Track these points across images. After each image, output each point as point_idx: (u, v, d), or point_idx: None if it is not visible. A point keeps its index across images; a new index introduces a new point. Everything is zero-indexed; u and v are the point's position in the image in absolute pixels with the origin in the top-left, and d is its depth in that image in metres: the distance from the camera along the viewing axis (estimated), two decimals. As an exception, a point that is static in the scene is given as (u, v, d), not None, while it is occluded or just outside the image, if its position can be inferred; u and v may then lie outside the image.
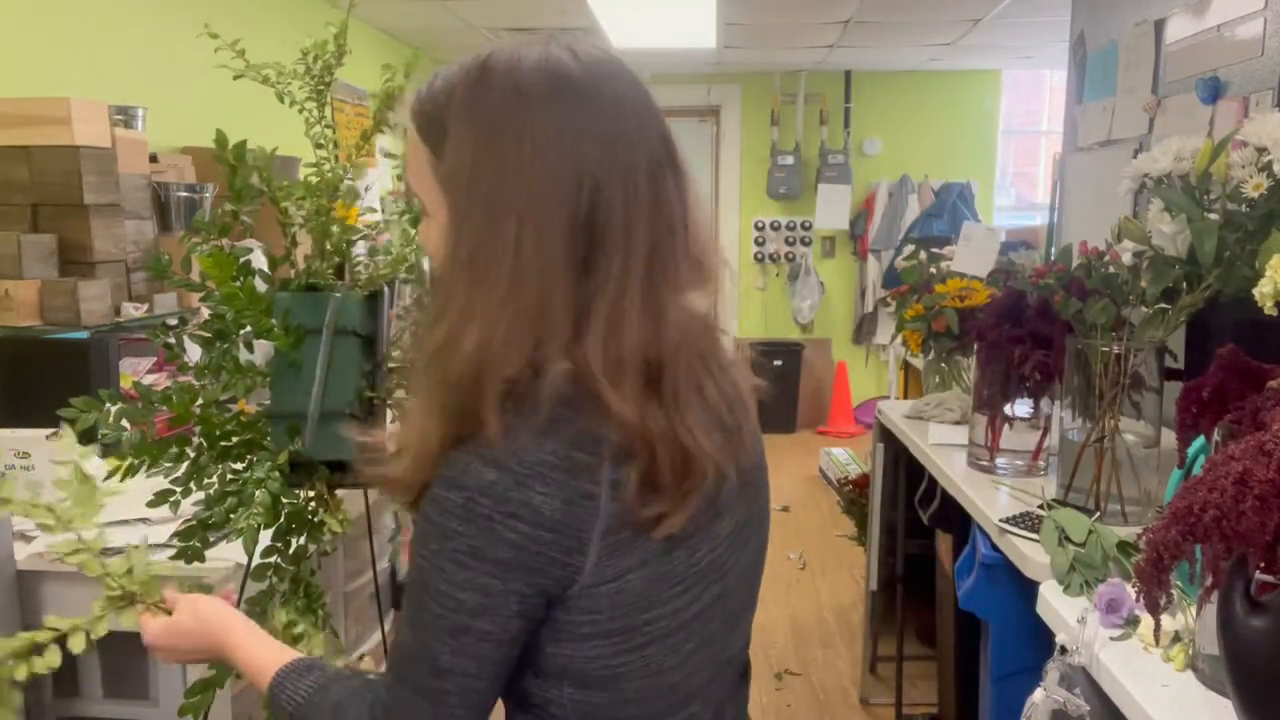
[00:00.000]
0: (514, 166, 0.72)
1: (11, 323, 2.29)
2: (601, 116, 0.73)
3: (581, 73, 0.74)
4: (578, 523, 0.71)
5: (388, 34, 5.01)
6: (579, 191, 0.72)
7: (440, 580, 0.72)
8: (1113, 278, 1.63)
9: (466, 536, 0.71)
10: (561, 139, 0.72)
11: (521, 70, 0.73)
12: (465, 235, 0.73)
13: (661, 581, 0.75)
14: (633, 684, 0.77)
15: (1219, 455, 0.90)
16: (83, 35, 2.81)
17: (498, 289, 0.71)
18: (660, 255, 0.74)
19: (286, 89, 1.24)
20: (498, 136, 0.72)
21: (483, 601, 0.72)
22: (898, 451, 2.51)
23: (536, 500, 0.70)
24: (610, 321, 0.72)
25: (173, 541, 1.24)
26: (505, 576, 0.71)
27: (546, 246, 0.71)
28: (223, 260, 1.15)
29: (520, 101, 0.72)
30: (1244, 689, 0.88)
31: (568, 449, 0.71)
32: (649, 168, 0.74)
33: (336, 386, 1.23)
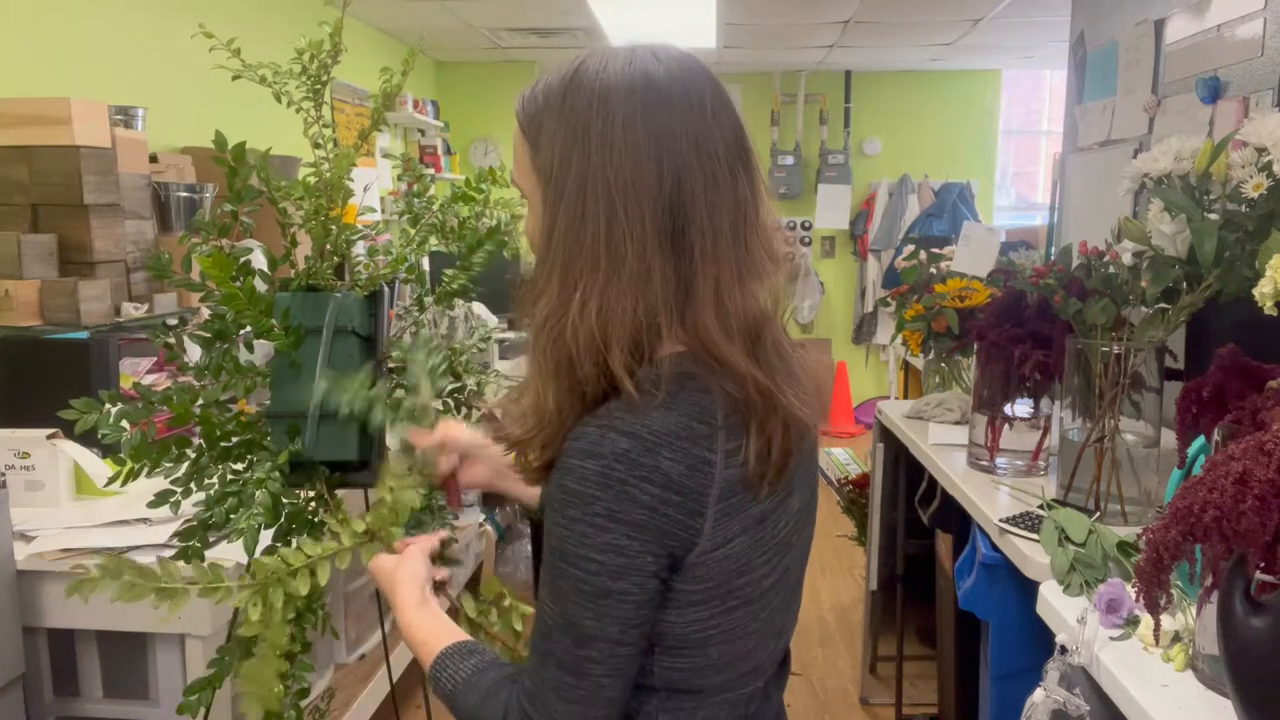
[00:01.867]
0: (601, 153, 0.78)
1: (11, 323, 2.29)
2: (682, 111, 0.80)
3: (663, 73, 0.81)
4: (699, 487, 0.78)
5: (387, 34, 5.01)
6: (663, 176, 0.78)
7: (580, 545, 0.77)
8: (1113, 278, 1.63)
9: (604, 500, 0.76)
10: (646, 129, 0.79)
11: (609, 71, 0.81)
12: (561, 215, 0.80)
13: (755, 549, 0.83)
14: (717, 648, 0.84)
15: (1219, 455, 0.91)
16: (83, 35, 2.81)
17: (600, 264, 0.78)
18: (741, 236, 0.82)
19: (284, 89, 1.24)
20: (587, 128, 0.79)
21: (621, 562, 0.77)
22: (898, 451, 2.51)
23: (665, 465, 0.76)
24: (714, 294, 0.79)
25: (173, 541, 1.24)
26: (640, 537, 0.77)
27: (636, 223, 0.78)
28: (223, 260, 1.15)
29: (608, 97, 0.80)
30: (1244, 689, 0.88)
31: (688, 420, 0.78)
32: (726, 159, 0.81)
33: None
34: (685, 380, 0.80)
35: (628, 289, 0.78)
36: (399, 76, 1.26)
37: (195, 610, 1.59)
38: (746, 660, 0.87)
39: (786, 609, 0.91)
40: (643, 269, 0.78)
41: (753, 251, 0.83)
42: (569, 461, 0.78)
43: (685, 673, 0.84)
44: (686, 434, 0.78)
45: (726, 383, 0.80)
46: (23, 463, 1.86)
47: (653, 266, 0.78)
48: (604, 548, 0.77)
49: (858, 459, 4.89)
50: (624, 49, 0.83)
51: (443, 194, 1.42)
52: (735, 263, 0.81)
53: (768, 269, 0.84)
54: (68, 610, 1.64)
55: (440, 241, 1.38)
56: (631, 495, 0.76)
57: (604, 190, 0.78)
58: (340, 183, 1.24)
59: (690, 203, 0.79)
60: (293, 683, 1.17)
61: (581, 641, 0.79)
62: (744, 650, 0.86)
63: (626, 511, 0.76)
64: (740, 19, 4.73)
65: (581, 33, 5.02)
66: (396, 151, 5.21)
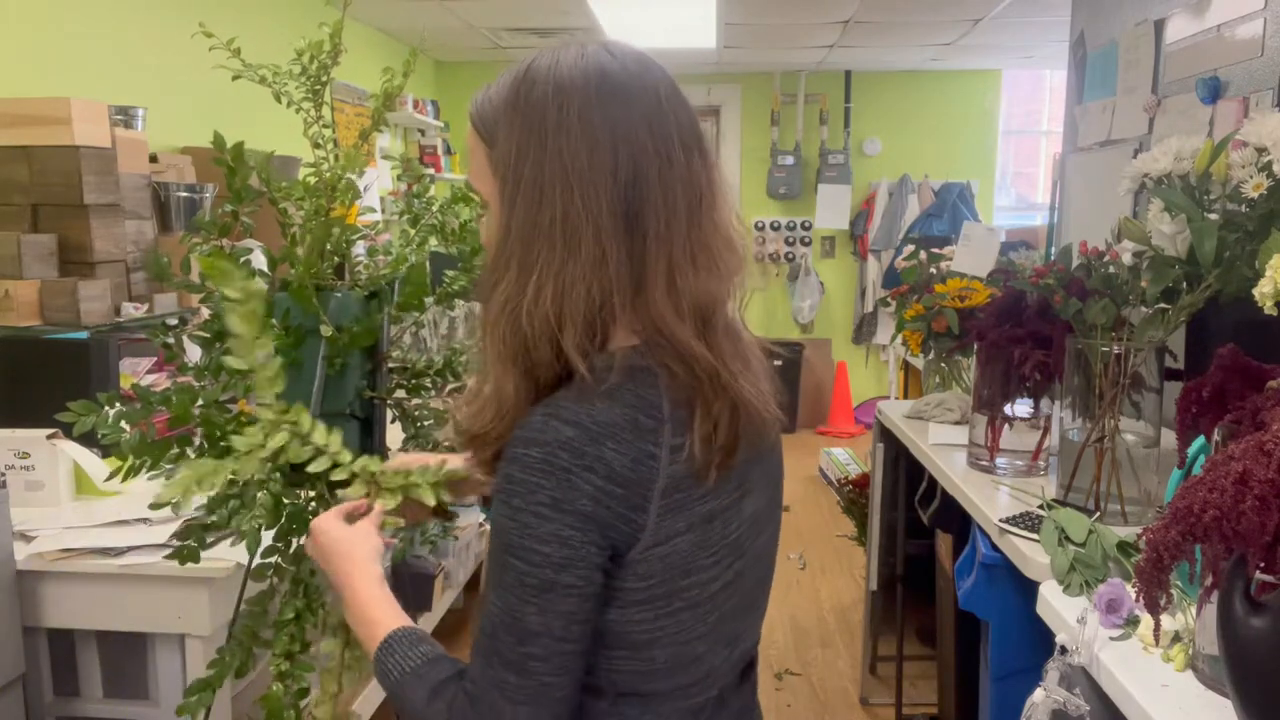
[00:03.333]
0: (558, 140, 0.79)
1: (11, 323, 2.29)
2: (638, 99, 0.81)
3: (617, 66, 0.82)
4: (642, 480, 0.77)
5: (388, 34, 5.01)
6: (618, 161, 0.79)
7: (524, 536, 0.76)
8: (1113, 278, 1.63)
9: (548, 489, 0.76)
10: (601, 116, 0.80)
11: (561, 65, 0.82)
12: (519, 206, 0.80)
13: (701, 549, 0.82)
14: (664, 651, 0.82)
15: (1219, 455, 0.91)
16: (83, 35, 2.82)
17: (556, 248, 0.79)
18: (696, 220, 0.82)
19: (283, 89, 1.24)
20: (543, 118, 0.80)
21: (566, 554, 0.76)
22: (898, 451, 2.51)
23: (609, 455, 0.76)
24: (666, 275, 0.80)
25: (173, 542, 1.24)
26: (584, 528, 0.76)
27: (594, 207, 0.78)
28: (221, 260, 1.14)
29: (562, 88, 0.80)
30: (1244, 689, 0.88)
31: (634, 412, 0.78)
32: (681, 145, 0.82)
33: (337, 387, 1.22)
34: (635, 373, 0.80)
35: (583, 271, 0.78)
36: (400, 77, 1.26)
37: (195, 610, 1.59)
38: (697, 666, 0.85)
39: (743, 617, 0.89)
40: (598, 251, 0.78)
41: (707, 235, 0.83)
42: (514, 450, 0.77)
43: (632, 675, 0.83)
44: (631, 427, 0.77)
45: (675, 363, 0.80)
46: (23, 463, 1.86)
47: (608, 249, 0.79)
48: (548, 538, 0.76)
49: (858, 459, 4.89)
50: (575, 45, 0.84)
51: (442, 194, 1.42)
52: (689, 245, 0.81)
53: (723, 255, 0.84)
54: (68, 610, 1.64)
55: (440, 242, 1.38)
56: (575, 484, 0.75)
57: (561, 176, 0.79)
58: (349, 184, 1.24)
59: (645, 186, 0.80)
60: (292, 682, 1.17)
61: (525, 638, 0.77)
62: (693, 655, 0.84)
63: (570, 500, 0.75)
64: (740, 19, 4.73)
65: (581, 33, 5.02)
66: (396, 152, 5.21)
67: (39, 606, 1.63)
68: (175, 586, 1.57)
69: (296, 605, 1.20)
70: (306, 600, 1.21)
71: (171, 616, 1.60)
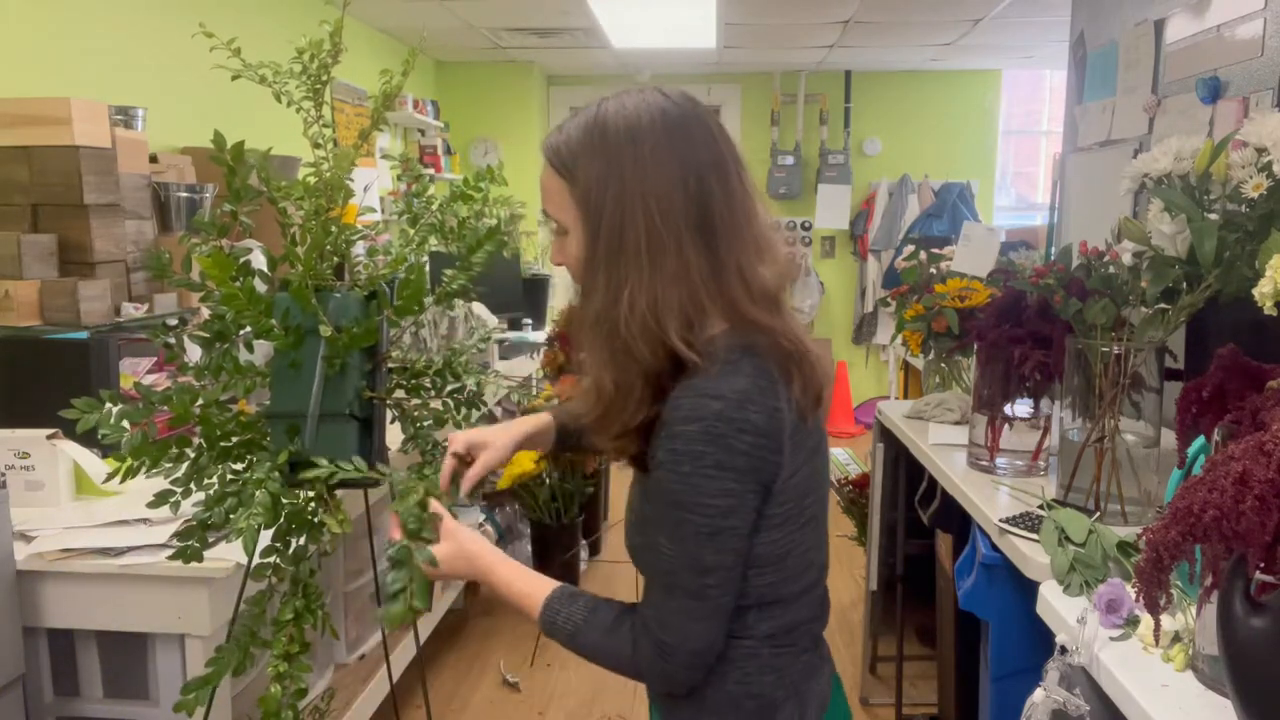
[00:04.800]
0: (636, 172, 0.95)
1: (11, 323, 2.29)
2: (693, 130, 0.98)
3: (672, 104, 0.99)
4: (777, 430, 0.95)
5: (388, 34, 5.01)
6: (686, 180, 0.96)
7: (695, 494, 0.94)
8: (1113, 278, 1.63)
9: (711, 454, 0.92)
10: (669, 148, 0.96)
11: (627, 109, 0.98)
12: (604, 230, 0.96)
13: (813, 476, 1.02)
14: (795, 560, 1.02)
15: (1219, 455, 0.90)
16: (83, 35, 2.81)
17: (643, 263, 0.95)
18: (751, 222, 1.00)
19: (284, 89, 1.24)
20: (620, 155, 0.96)
21: (731, 503, 0.94)
22: (898, 451, 2.51)
23: (752, 416, 0.93)
24: (738, 271, 0.97)
25: (172, 541, 1.24)
26: (743, 479, 0.94)
27: (671, 223, 0.95)
28: (222, 260, 1.15)
29: (632, 129, 0.97)
30: (1244, 689, 0.88)
31: (755, 379, 0.95)
32: (731, 161, 1.00)
33: (336, 387, 1.22)
34: (740, 350, 0.96)
35: (672, 278, 0.95)
36: (399, 77, 1.26)
37: (195, 610, 1.59)
38: (813, 567, 1.06)
39: (826, 525, 1.10)
40: (682, 260, 0.95)
41: (761, 233, 1.00)
42: (674, 429, 0.94)
43: (773, 585, 1.01)
44: (759, 390, 0.94)
45: (763, 339, 0.96)
46: (23, 463, 1.86)
47: (690, 257, 0.95)
48: (716, 493, 0.93)
49: (858, 459, 4.89)
50: (634, 91, 1.01)
51: (442, 194, 1.42)
52: (752, 245, 0.99)
53: (776, 247, 1.02)
54: (68, 610, 1.64)
55: (440, 241, 1.38)
56: (732, 446, 0.93)
57: (640, 202, 0.95)
58: (340, 182, 1.24)
59: (711, 200, 0.96)
60: (290, 683, 1.17)
61: (704, 573, 0.95)
62: (810, 560, 1.04)
63: (730, 459, 0.93)
64: (740, 19, 4.73)
65: (581, 33, 5.02)
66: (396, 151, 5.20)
67: (39, 606, 1.63)
68: (175, 586, 1.57)
69: (296, 605, 1.20)
70: (306, 600, 1.21)
71: (171, 616, 1.60)
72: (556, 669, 3.08)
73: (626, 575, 3.80)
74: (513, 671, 3.04)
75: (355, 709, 2.23)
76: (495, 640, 3.26)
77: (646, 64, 6.11)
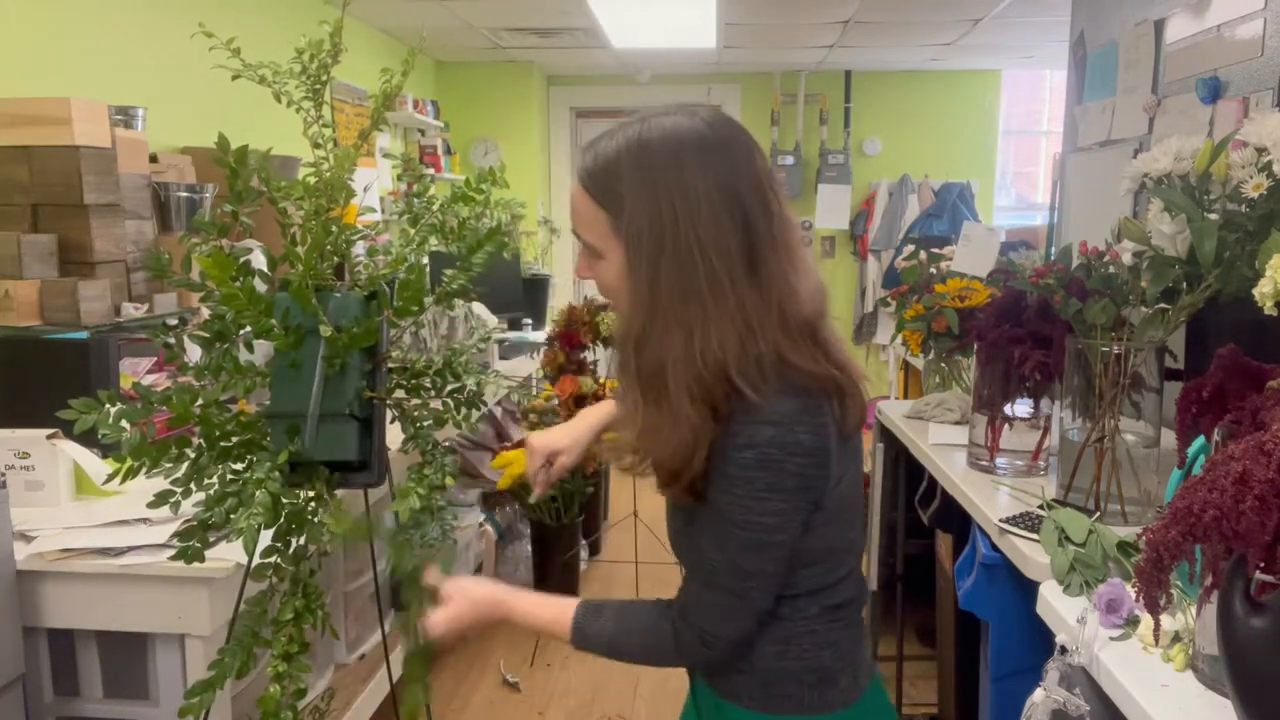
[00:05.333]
0: (685, 211, 0.96)
1: (11, 323, 2.29)
2: (732, 158, 0.98)
3: (710, 131, 0.99)
4: (825, 445, 1.00)
5: (388, 34, 5.01)
6: (733, 210, 0.97)
7: (746, 514, 0.99)
8: (1113, 278, 1.63)
9: (765, 478, 0.97)
10: (715, 181, 0.97)
11: (668, 134, 0.98)
12: (663, 276, 0.97)
13: (854, 479, 1.08)
14: (838, 551, 1.09)
15: (1219, 455, 0.90)
16: (83, 35, 2.81)
17: (706, 304, 0.97)
18: (794, 249, 1.02)
19: (283, 89, 1.23)
20: (669, 193, 0.96)
21: (779, 521, 1.00)
22: (898, 451, 2.51)
23: (802, 438, 0.98)
24: (781, 302, 0.99)
25: (172, 542, 1.24)
26: (792, 498, 0.99)
27: (725, 261, 0.97)
28: (222, 260, 1.15)
29: (677, 162, 0.97)
30: (1244, 689, 0.88)
31: (802, 399, 0.98)
32: (771, 188, 1.01)
33: (336, 387, 1.22)
34: (785, 370, 0.99)
35: (729, 320, 0.97)
36: (399, 77, 1.26)
37: (195, 610, 1.59)
38: (853, 552, 1.13)
39: (862, 512, 1.17)
40: (738, 300, 0.97)
41: (797, 254, 1.03)
42: (730, 454, 0.98)
43: (820, 575, 1.08)
44: (806, 410, 0.98)
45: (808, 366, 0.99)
46: (23, 463, 1.86)
47: (744, 296, 0.97)
48: (766, 512, 0.98)
49: (858, 459, 4.89)
50: (671, 113, 1.00)
51: (443, 194, 1.42)
52: (790, 266, 1.00)
53: (814, 271, 1.05)
54: (68, 610, 1.64)
55: (440, 242, 1.38)
56: (784, 469, 0.97)
57: (696, 244, 0.96)
58: (341, 182, 1.24)
59: (756, 227, 0.98)
60: (289, 683, 1.17)
61: (745, 577, 1.02)
62: (851, 545, 1.12)
63: (781, 482, 0.98)
64: (740, 19, 4.73)
65: (581, 33, 5.02)
66: (396, 151, 5.20)
67: (39, 606, 1.63)
68: (175, 586, 1.57)
69: (295, 605, 1.20)
70: (306, 600, 1.21)
71: (171, 616, 1.60)
72: (556, 669, 3.08)
73: (626, 575, 3.80)
74: (513, 671, 3.04)
75: (355, 709, 2.23)
76: (495, 640, 3.26)
77: (646, 64, 6.10)
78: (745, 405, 0.97)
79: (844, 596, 1.12)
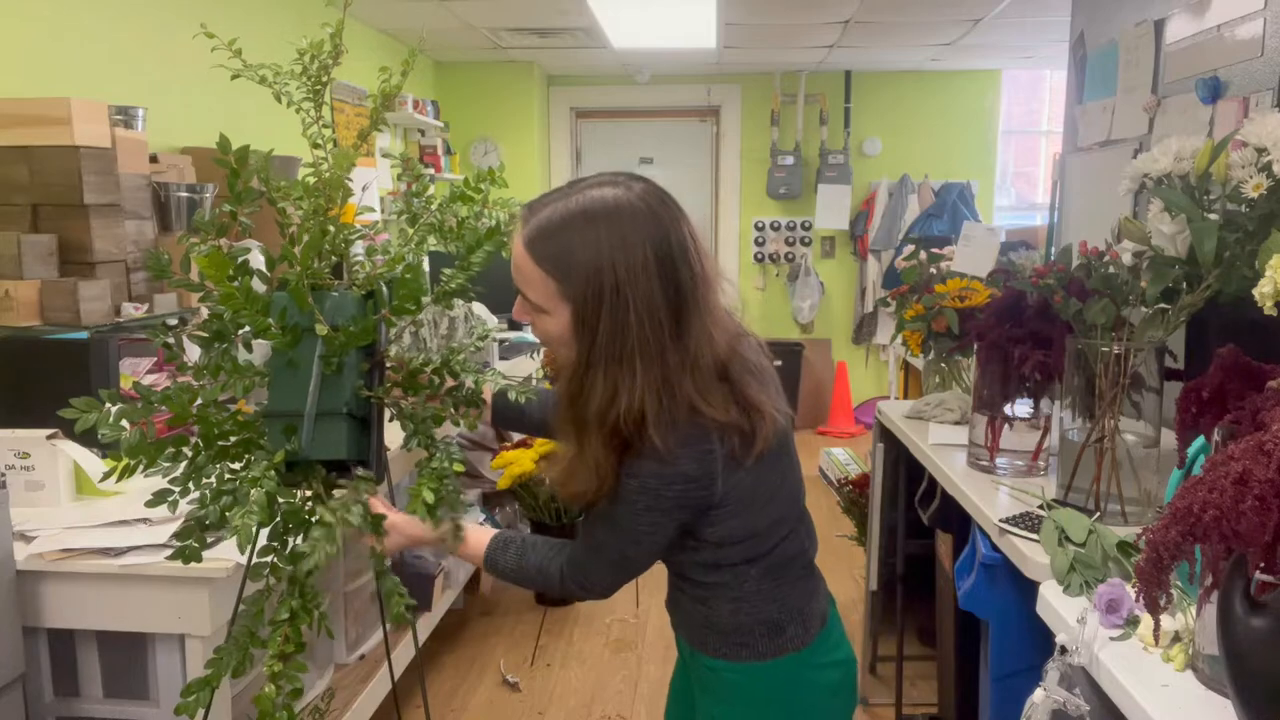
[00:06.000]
0: (628, 280, 1.08)
1: (11, 323, 2.29)
2: (664, 226, 1.11)
3: (644, 203, 1.11)
4: (710, 471, 1.16)
5: (387, 34, 5.01)
6: (665, 280, 1.10)
7: (628, 520, 1.19)
8: (1113, 278, 1.63)
9: (645, 500, 1.16)
10: (652, 250, 1.09)
11: (612, 210, 1.10)
12: (601, 336, 1.10)
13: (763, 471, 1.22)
14: (762, 528, 1.25)
15: (1219, 455, 0.90)
16: (83, 35, 2.81)
17: (636, 365, 1.10)
18: (709, 294, 1.15)
19: (284, 89, 1.23)
20: (611, 264, 1.08)
21: (654, 528, 1.19)
22: (898, 451, 2.51)
23: (685, 469, 1.14)
24: (698, 360, 1.13)
25: (172, 542, 1.24)
26: (669, 514, 1.18)
27: (658, 327, 1.10)
28: (219, 260, 1.14)
29: (620, 234, 1.09)
30: (1244, 689, 0.88)
31: (696, 440, 1.14)
32: (696, 248, 1.13)
33: (333, 386, 1.22)
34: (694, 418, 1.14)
35: (653, 382, 1.11)
36: (398, 76, 1.26)
37: (195, 610, 1.59)
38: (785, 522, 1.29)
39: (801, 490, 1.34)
40: (664, 363, 1.11)
41: (715, 307, 1.17)
42: (624, 480, 1.16)
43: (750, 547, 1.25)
44: (693, 447, 1.14)
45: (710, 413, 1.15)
46: (23, 463, 1.86)
47: (669, 360, 1.11)
48: (644, 523, 1.18)
49: (858, 459, 4.89)
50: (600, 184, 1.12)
51: (442, 194, 1.42)
52: (710, 319, 1.14)
53: (724, 315, 1.19)
54: (68, 610, 1.64)
55: (439, 241, 1.38)
56: (662, 495, 1.15)
57: (633, 312, 1.08)
58: (340, 182, 1.24)
59: (686, 298, 1.11)
60: (285, 683, 1.17)
61: (623, 558, 1.24)
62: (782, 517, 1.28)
63: (659, 504, 1.16)
64: (740, 19, 4.73)
65: (581, 33, 5.02)
66: (396, 151, 5.21)
67: (39, 606, 1.63)
68: (175, 586, 1.57)
69: (292, 605, 1.20)
70: (302, 600, 1.21)
71: (171, 616, 1.60)
72: (557, 669, 3.08)
73: (626, 575, 3.80)
74: (513, 671, 3.04)
75: (355, 709, 2.23)
76: (495, 640, 3.26)
77: (646, 64, 6.10)
78: (648, 448, 1.12)
79: (785, 555, 1.29)
